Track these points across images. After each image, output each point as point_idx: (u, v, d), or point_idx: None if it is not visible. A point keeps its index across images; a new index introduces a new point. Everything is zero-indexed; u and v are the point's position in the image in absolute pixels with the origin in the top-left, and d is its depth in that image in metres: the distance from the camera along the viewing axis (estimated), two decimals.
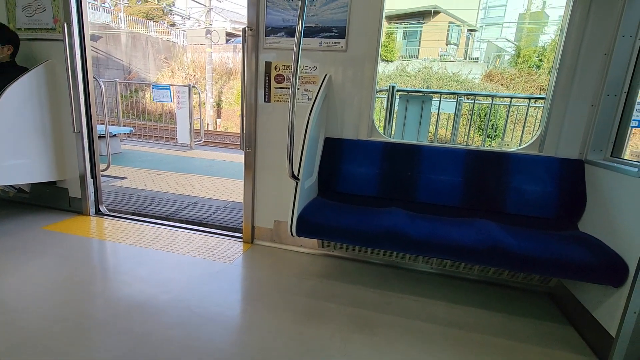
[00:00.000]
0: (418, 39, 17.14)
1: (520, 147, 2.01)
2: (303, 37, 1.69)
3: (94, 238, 2.33)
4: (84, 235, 2.36)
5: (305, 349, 1.43)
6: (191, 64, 16.02)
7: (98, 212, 2.76)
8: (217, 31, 15.18)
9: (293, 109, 1.61)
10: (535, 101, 4.49)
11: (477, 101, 5.08)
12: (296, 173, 1.72)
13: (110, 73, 13.76)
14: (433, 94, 3.76)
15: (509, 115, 3.85)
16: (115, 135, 5.35)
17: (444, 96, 3.99)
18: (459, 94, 4.05)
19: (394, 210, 1.81)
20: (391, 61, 14.03)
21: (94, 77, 2.63)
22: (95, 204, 2.75)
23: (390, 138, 2.17)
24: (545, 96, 1.97)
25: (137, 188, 3.60)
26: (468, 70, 12.70)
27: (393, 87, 3.30)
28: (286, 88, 2.15)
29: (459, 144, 4.54)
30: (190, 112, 6.31)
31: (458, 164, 1.98)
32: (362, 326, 1.60)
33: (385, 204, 1.92)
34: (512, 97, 3.88)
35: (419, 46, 16.95)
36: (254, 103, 2.21)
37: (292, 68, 1.58)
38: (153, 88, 6.95)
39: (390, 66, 13.41)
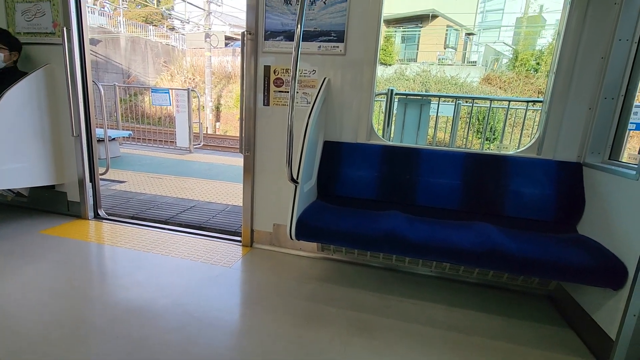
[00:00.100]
0: (416, 43, 17.21)
1: (518, 150, 2.02)
2: (302, 41, 1.70)
3: (93, 242, 2.32)
4: (83, 239, 2.35)
5: (304, 353, 1.42)
6: (190, 68, 16.05)
7: (97, 216, 2.75)
8: (216, 35, 15.22)
9: (292, 113, 1.62)
10: (533, 104, 4.52)
11: (476, 104, 5.10)
12: (295, 176, 1.72)
13: (109, 77, 13.77)
14: (431, 97, 3.78)
15: (507, 118, 3.87)
16: (114, 139, 5.34)
17: (443, 99, 4.02)
18: (458, 97, 4.07)
19: (393, 213, 1.81)
20: (390, 65, 14.08)
21: (93, 81, 2.63)
22: (93, 208, 2.74)
23: (389, 141, 2.17)
24: (543, 99, 1.98)
25: (136, 192, 3.59)
26: (466, 73, 12.74)
27: (392, 91, 3.31)
28: (285, 92, 2.16)
29: (458, 147, 4.55)
30: (189, 116, 6.31)
31: (457, 167, 1.98)
32: (362, 330, 1.59)
33: (384, 207, 1.92)
34: (510, 100, 3.91)
35: (418, 50, 17.01)
36: (253, 107, 2.21)
37: (291, 72, 1.58)
38: (152, 92, 6.97)
39: (388, 70, 13.46)
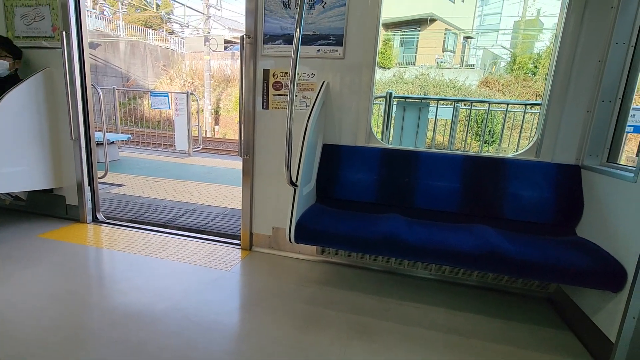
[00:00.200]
0: (415, 46, 17.29)
1: (517, 153, 2.02)
2: (301, 45, 1.70)
3: (91, 246, 2.31)
4: (81, 243, 2.34)
5: (304, 356, 1.41)
6: (189, 72, 16.09)
7: (95, 220, 2.74)
8: (216, 39, 15.28)
9: (291, 116, 1.62)
10: (531, 107, 4.53)
11: (474, 107, 5.13)
12: (294, 179, 1.72)
13: (108, 80, 13.79)
14: (430, 101, 3.79)
15: (506, 121, 3.88)
16: (113, 142, 5.35)
17: (441, 102, 4.03)
18: (456, 100, 4.09)
19: (392, 216, 1.81)
20: (388, 68, 14.14)
21: (92, 85, 2.64)
22: (92, 212, 2.73)
23: (388, 144, 2.17)
24: (541, 102, 1.98)
25: (135, 195, 3.58)
26: (465, 76, 12.79)
27: (390, 94, 3.32)
28: (284, 95, 2.16)
29: (457, 150, 4.56)
30: (188, 119, 6.32)
31: (456, 170, 1.98)
32: (361, 333, 1.59)
33: (383, 210, 1.92)
34: (509, 103, 3.93)
35: (416, 53, 17.09)
36: (252, 110, 2.22)
37: (290, 75, 1.58)
38: (151, 95, 6.98)
39: (387, 73, 13.51)
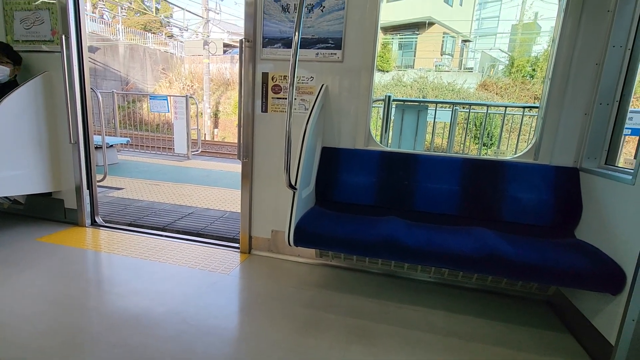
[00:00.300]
0: (413, 50, 17.36)
1: (515, 156, 2.03)
2: (300, 48, 1.71)
3: (89, 249, 2.30)
4: (79, 246, 2.33)
5: None
6: (189, 75, 16.12)
7: (94, 223, 2.74)
8: (215, 42, 15.32)
9: (290, 119, 1.62)
10: (529, 110, 4.55)
11: (473, 110, 5.13)
12: (293, 183, 1.72)
13: (107, 84, 13.80)
14: (429, 104, 3.80)
15: (504, 123, 3.90)
16: (112, 145, 5.34)
17: (440, 105, 4.05)
18: (455, 103, 4.10)
19: (391, 219, 1.81)
20: (387, 71, 14.18)
21: (92, 88, 2.64)
22: (91, 215, 2.73)
23: (387, 147, 2.18)
24: (539, 105, 1.99)
25: (134, 199, 3.58)
26: (463, 80, 12.84)
27: (389, 97, 3.33)
28: (283, 98, 2.17)
29: (455, 153, 4.57)
30: (187, 122, 6.33)
31: (454, 173, 1.99)
32: (361, 336, 1.58)
33: (382, 213, 1.92)
34: (507, 106, 3.93)
35: (415, 56, 17.16)
36: (251, 113, 2.22)
37: (289, 78, 1.59)
38: (150, 99, 6.99)
39: (386, 76, 13.55)
